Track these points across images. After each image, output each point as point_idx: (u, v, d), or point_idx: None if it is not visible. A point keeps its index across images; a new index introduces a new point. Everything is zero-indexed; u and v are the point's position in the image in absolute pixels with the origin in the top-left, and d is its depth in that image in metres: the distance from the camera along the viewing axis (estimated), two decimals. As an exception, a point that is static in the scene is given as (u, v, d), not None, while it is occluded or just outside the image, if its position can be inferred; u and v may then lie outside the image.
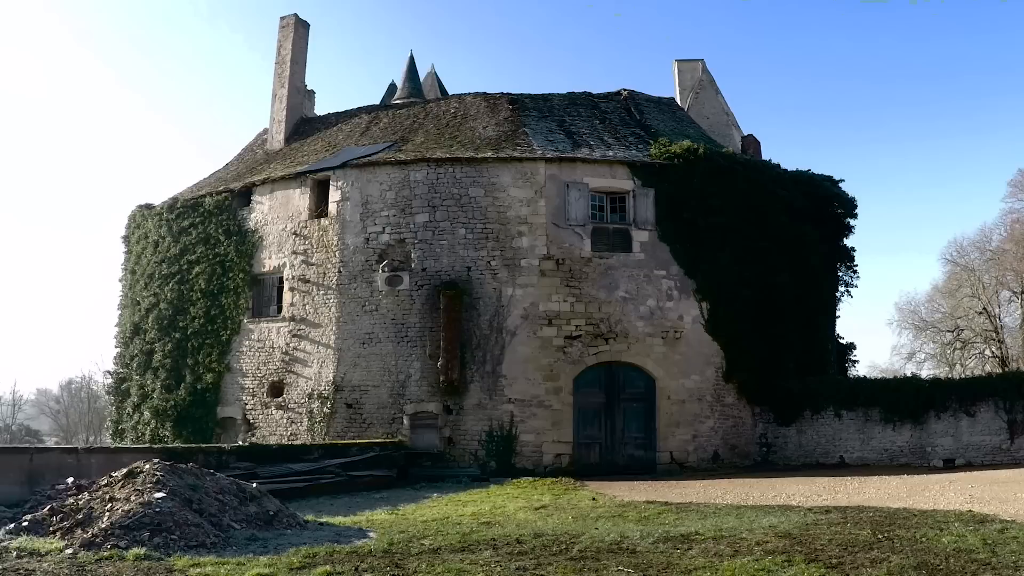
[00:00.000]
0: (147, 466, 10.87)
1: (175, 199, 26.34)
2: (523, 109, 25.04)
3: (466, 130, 24.30)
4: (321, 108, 31.58)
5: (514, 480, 18.77)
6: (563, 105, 25.84)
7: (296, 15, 28.75)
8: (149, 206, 27.07)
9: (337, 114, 28.84)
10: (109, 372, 26.59)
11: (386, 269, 21.74)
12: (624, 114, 26.05)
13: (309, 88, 35.83)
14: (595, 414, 21.48)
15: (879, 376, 29.74)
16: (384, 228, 22.14)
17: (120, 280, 27.38)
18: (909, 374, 28.37)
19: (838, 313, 26.56)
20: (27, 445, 27.91)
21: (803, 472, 19.57)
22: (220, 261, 24.50)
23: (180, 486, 10.63)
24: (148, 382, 24.98)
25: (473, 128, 24.33)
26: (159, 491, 10.15)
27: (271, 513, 11.09)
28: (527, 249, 21.60)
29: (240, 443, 17.41)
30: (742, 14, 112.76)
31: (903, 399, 20.71)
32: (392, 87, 36.66)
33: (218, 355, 23.93)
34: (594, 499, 14.45)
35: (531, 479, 18.77)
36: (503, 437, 20.71)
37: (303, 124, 28.73)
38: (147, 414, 24.70)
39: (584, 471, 20.28)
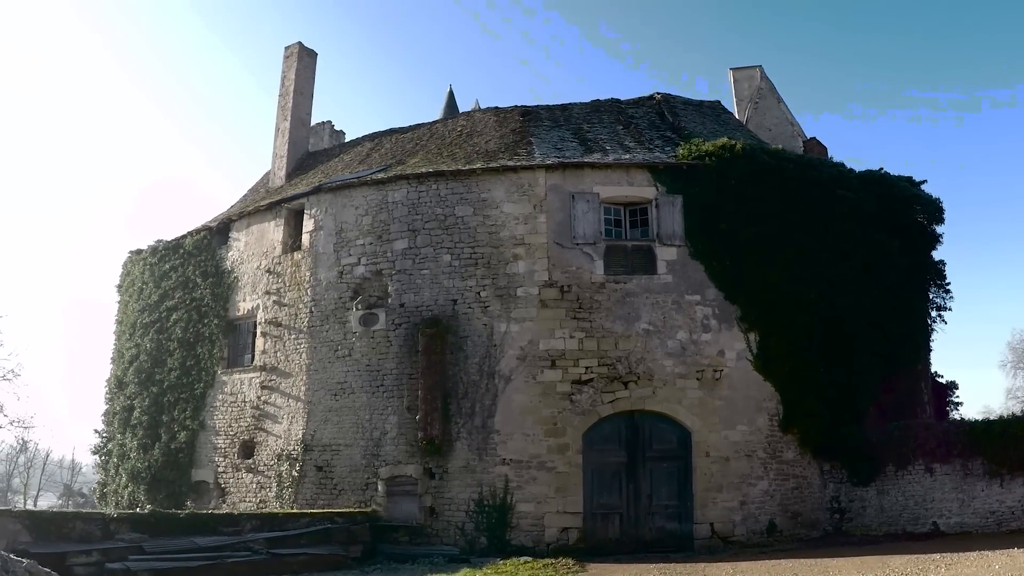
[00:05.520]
0: None
1: (159, 242, 24.09)
2: (535, 120, 21.63)
3: (467, 146, 21.04)
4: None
5: (503, 561, 14.94)
6: (584, 113, 22.26)
7: (300, 43, 26.36)
8: (139, 251, 24.92)
9: (341, 145, 26.27)
10: (96, 431, 24.27)
11: (360, 306, 18.48)
12: (655, 118, 22.21)
13: (338, 128, 33.74)
14: (613, 477, 17.27)
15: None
16: (359, 259, 18.95)
17: (113, 331, 25.24)
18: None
19: (931, 343, 21.46)
20: None
21: (881, 547, 14.78)
22: (196, 306, 21.86)
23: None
24: (127, 441, 22.42)
25: (475, 144, 21.06)
26: None
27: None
28: (524, 275, 17.90)
29: (136, 510, 14.37)
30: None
31: (1013, 446, 15.51)
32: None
33: (192, 411, 21.11)
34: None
35: (523, 560, 14.91)
36: (495, 507, 16.78)
37: (307, 159, 26.15)
38: (124, 477, 22.08)
39: (599, 548, 16.21)
